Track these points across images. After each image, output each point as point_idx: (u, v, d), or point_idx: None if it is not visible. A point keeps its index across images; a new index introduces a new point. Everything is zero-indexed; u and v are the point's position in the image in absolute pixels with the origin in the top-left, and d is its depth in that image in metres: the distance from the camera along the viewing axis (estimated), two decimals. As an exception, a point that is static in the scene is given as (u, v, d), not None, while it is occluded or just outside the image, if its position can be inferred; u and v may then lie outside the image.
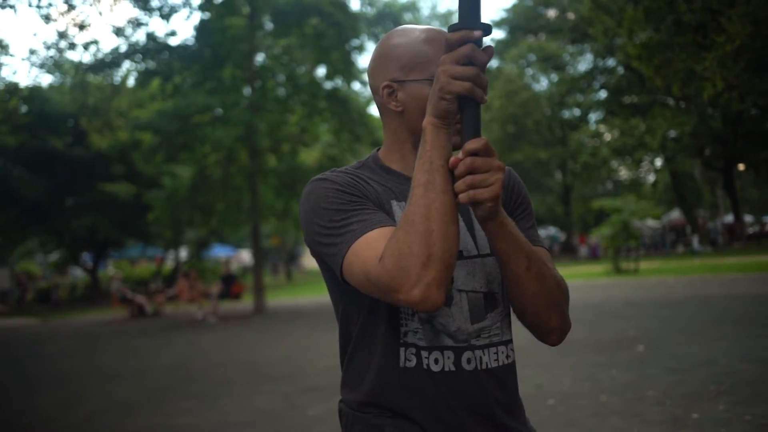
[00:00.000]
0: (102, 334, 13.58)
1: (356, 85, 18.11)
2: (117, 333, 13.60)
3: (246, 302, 16.76)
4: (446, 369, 1.16)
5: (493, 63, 42.40)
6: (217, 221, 17.16)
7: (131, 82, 21.81)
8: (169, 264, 31.26)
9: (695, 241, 29.69)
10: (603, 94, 35.14)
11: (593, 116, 36.41)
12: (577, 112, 36.23)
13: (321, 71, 17.58)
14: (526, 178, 31.69)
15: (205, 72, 15.75)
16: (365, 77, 22.11)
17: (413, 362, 1.16)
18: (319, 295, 19.88)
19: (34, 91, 24.33)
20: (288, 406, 5.65)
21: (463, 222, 1.21)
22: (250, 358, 8.76)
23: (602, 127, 34.47)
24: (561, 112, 35.29)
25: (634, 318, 9.44)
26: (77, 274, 33.81)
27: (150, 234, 22.92)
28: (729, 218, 33.80)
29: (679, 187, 33.28)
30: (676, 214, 36.06)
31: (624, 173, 39.04)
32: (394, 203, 1.20)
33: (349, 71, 16.87)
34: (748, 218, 37.00)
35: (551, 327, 1.20)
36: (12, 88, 18.67)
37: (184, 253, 31.44)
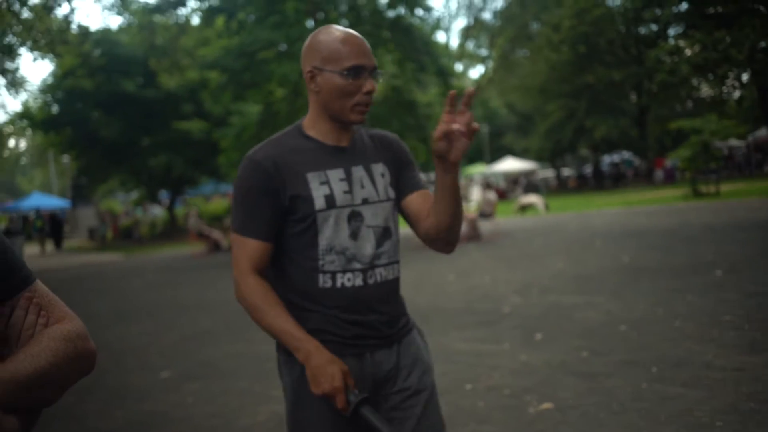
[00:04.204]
0: (182, 268, 14.26)
1: (419, 13, 17.56)
2: (196, 266, 14.25)
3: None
4: (356, 285, 1.55)
5: (563, -20, 40.35)
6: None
7: (196, 20, 22.00)
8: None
9: (783, 161, 28.05)
10: (684, 6, 32.89)
11: (672, 31, 34.26)
12: (654, 27, 34.11)
13: (383, 0, 17.14)
14: (598, 100, 30.47)
15: (268, 6, 15.66)
16: (429, 3, 21.39)
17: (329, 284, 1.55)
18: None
19: (105, 33, 24.87)
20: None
21: (368, 178, 1.59)
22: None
23: (682, 42, 32.45)
24: (637, 29, 33.33)
25: (712, 242, 9.14)
26: (155, 212, 35.26)
27: (222, 171, 23.52)
28: (821, 135, 31.71)
29: (767, 103, 31.26)
30: (763, 133, 34.02)
31: (706, 91, 36.92)
32: (309, 175, 1.54)
33: (411, -2, 16.36)
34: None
35: (456, 239, 1.60)
36: (84, 31, 19.19)
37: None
